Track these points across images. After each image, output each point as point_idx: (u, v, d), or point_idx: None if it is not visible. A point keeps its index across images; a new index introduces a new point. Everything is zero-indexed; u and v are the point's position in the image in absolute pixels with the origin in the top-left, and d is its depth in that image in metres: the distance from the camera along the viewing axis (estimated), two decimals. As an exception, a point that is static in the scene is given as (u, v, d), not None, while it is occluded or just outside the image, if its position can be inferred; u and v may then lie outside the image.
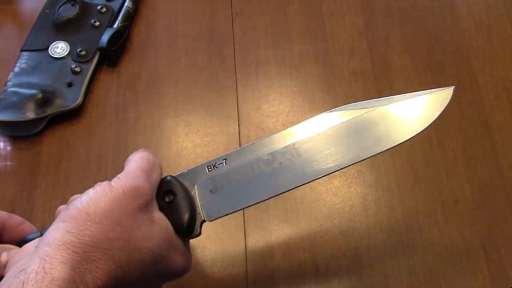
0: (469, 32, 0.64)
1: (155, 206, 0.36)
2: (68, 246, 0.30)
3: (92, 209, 0.32)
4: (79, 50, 0.61)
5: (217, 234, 0.52)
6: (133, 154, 0.38)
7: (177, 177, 0.39)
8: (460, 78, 0.61)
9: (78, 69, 0.60)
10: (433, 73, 0.61)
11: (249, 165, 0.38)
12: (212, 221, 0.38)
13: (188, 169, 0.39)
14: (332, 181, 0.55)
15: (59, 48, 0.62)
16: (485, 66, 0.61)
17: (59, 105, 0.58)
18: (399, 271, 0.50)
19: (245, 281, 0.50)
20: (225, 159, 0.38)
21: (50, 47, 0.62)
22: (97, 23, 0.63)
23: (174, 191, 0.37)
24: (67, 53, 0.61)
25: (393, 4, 0.66)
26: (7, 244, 0.37)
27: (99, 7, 0.64)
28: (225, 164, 0.38)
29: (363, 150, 0.36)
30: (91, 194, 0.33)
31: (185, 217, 0.37)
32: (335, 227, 0.52)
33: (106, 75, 0.62)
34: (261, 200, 0.37)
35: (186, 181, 0.38)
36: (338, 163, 0.37)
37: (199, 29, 0.65)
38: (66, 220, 0.31)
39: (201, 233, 0.38)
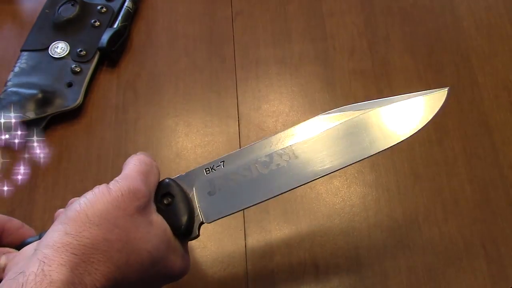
0: (469, 31, 0.63)
1: (153, 208, 0.36)
2: (67, 248, 0.30)
3: (90, 211, 0.32)
4: (79, 50, 0.61)
5: (217, 234, 0.52)
6: (131, 157, 0.38)
7: (175, 179, 0.39)
8: (460, 77, 0.60)
9: (78, 69, 0.60)
10: (433, 72, 0.61)
11: (246, 167, 0.38)
12: (210, 223, 0.38)
13: (186, 172, 0.39)
14: (332, 181, 0.55)
15: (59, 48, 0.62)
16: (485, 65, 0.61)
17: (59, 105, 0.58)
18: (399, 271, 0.50)
19: (245, 281, 0.50)
20: (223, 162, 0.39)
21: (50, 47, 0.62)
22: (97, 23, 0.63)
23: (172, 193, 0.38)
24: (67, 53, 0.61)
25: (393, 3, 0.66)
26: (6, 247, 0.38)
27: (99, 7, 0.64)
28: (223, 166, 0.38)
29: (359, 151, 0.37)
30: (90, 196, 0.33)
31: (183, 219, 0.37)
32: (335, 227, 0.52)
33: (106, 75, 0.62)
34: (259, 201, 0.38)
35: (184, 183, 0.39)
36: (334, 164, 0.37)
37: (199, 29, 0.65)
38: (65, 222, 0.32)
39: (199, 235, 0.38)
